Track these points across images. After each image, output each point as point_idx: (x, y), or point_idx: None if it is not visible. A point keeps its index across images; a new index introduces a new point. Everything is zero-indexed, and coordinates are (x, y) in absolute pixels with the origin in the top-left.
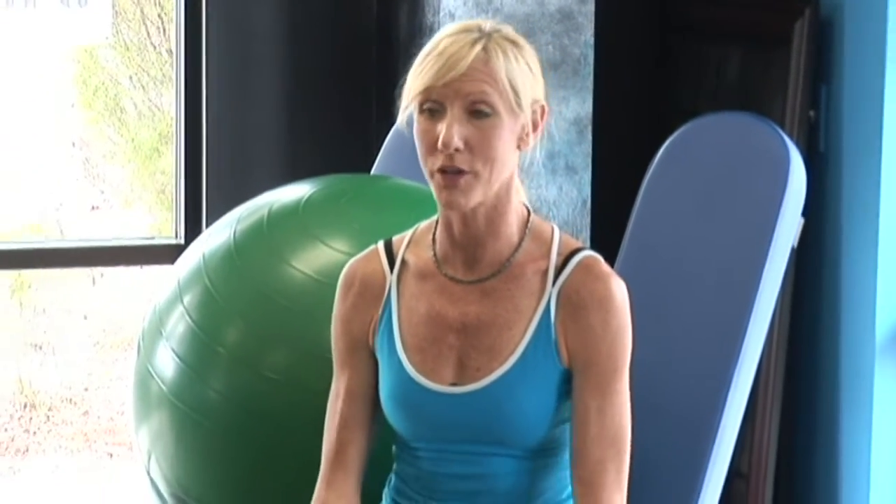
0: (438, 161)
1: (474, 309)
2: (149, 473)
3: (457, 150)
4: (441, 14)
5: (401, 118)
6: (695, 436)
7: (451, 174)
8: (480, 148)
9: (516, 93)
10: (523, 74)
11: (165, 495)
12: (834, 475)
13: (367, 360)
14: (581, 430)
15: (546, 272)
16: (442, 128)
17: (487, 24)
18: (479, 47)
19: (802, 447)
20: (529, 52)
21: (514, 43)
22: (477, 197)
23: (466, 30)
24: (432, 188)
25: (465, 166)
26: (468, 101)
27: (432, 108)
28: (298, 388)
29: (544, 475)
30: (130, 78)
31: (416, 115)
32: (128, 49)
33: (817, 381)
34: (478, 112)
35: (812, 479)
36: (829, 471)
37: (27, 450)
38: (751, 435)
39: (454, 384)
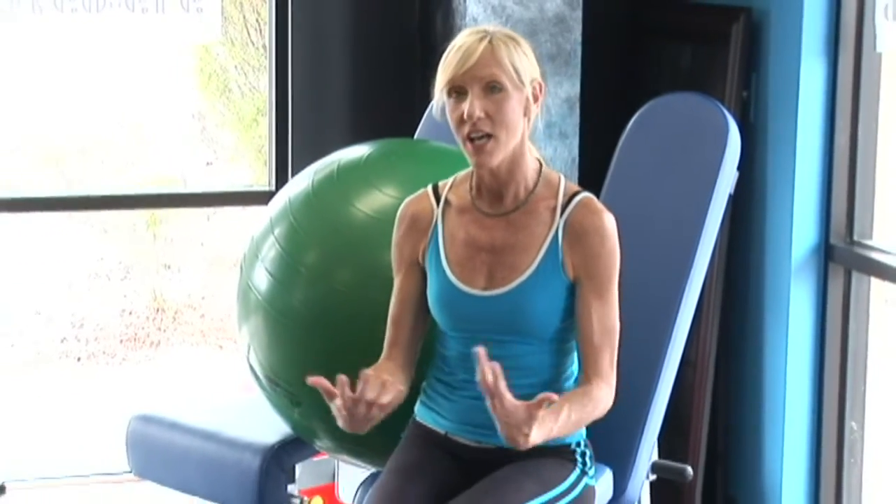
0: (466, 129)
1: (500, 234)
2: (248, 361)
3: (479, 118)
4: (467, 19)
5: (435, 109)
6: (656, 332)
7: (478, 141)
8: (497, 116)
9: (518, 73)
10: (521, 60)
11: (260, 377)
12: (760, 363)
13: (414, 274)
14: (584, 324)
15: (555, 208)
16: (466, 105)
17: (490, 27)
18: (485, 43)
19: (736, 342)
20: (525, 45)
21: (512, 38)
22: (500, 156)
23: (475, 32)
24: (466, 153)
25: (487, 129)
26: (483, 82)
27: (457, 92)
28: (360, 298)
29: (550, 358)
30: (235, 67)
31: (445, 101)
32: (233, 45)
33: (748, 292)
34: (491, 89)
35: (743, 366)
36: (757, 360)
37: (159, 343)
38: (697, 333)
39: (485, 289)
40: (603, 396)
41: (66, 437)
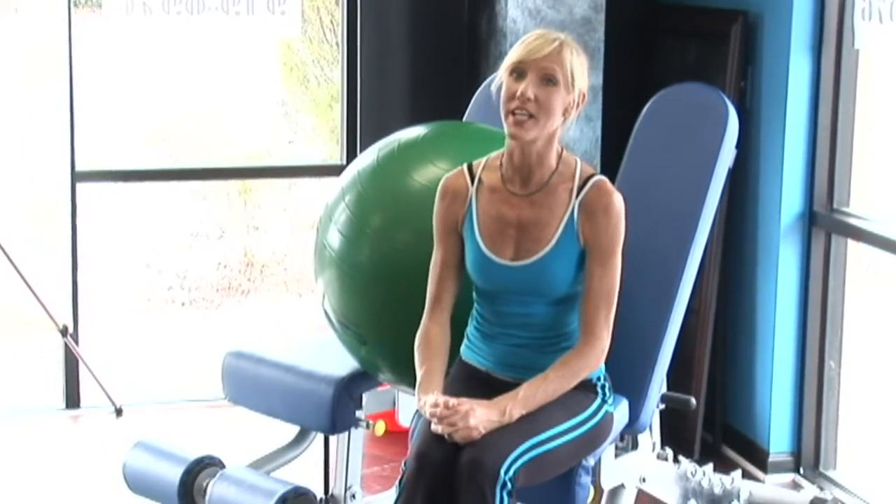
0: (514, 105)
1: (526, 212)
2: (323, 306)
3: (528, 99)
4: (508, 20)
5: (494, 84)
6: (666, 285)
7: (520, 116)
8: (544, 103)
9: (572, 77)
10: (578, 69)
11: (333, 321)
12: (753, 311)
13: (455, 240)
14: (586, 287)
15: (572, 189)
16: (522, 85)
17: (562, 34)
18: (556, 44)
19: (733, 294)
20: (585, 59)
21: (578, 50)
22: (533, 134)
23: (550, 33)
24: (506, 125)
25: (532, 110)
26: (543, 72)
27: (518, 73)
28: (418, 255)
29: (565, 314)
30: (313, 61)
31: (505, 78)
32: (311, 42)
33: (743, 251)
34: (547, 81)
35: (739, 314)
36: (750, 309)
37: (249, 292)
38: (700, 285)
39: (512, 259)
40: (587, 359)
41: (173, 368)
